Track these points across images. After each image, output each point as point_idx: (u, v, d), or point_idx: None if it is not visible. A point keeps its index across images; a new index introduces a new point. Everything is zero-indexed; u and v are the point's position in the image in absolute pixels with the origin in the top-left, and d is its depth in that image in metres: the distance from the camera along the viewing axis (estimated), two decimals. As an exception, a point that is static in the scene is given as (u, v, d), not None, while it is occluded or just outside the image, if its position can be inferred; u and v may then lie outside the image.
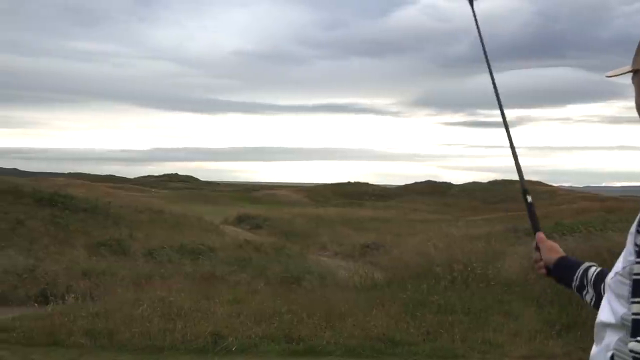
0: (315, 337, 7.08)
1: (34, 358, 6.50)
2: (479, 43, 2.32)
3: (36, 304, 9.34)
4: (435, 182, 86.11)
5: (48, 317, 7.70)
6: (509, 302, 8.60)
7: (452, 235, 22.92)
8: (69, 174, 72.39)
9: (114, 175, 77.52)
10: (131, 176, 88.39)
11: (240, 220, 34.51)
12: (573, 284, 1.87)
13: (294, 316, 7.60)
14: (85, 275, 13.09)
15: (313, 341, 6.99)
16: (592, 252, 11.66)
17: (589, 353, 5.70)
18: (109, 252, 17.78)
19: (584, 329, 7.38)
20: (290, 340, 7.02)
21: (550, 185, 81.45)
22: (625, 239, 1.58)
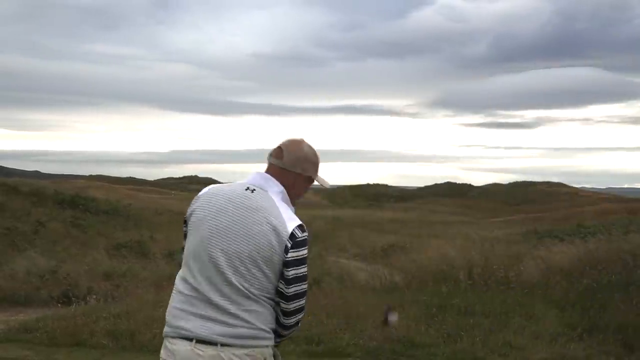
0: (335, 338, 7.09)
1: (57, 358, 6.57)
2: (497, 43, 2.37)
3: (59, 305, 9.47)
4: (455, 183, 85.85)
5: (71, 318, 7.78)
6: (530, 304, 8.54)
7: (472, 237, 22.81)
8: (90, 176, 72.95)
9: (134, 178, 78.00)
10: (151, 178, 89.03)
11: (259, 222, 34.70)
12: None
13: (314, 318, 7.60)
14: (106, 276, 13.23)
15: (333, 343, 6.99)
16: (613, 255, 11.57)
17: (611, 356, 5.68)
18: (129, 253, 17.95)
19: (605, 332, 7.32)
20: (310, 341, 7.02)
21: (572, 187, 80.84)
22: None
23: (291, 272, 2.40)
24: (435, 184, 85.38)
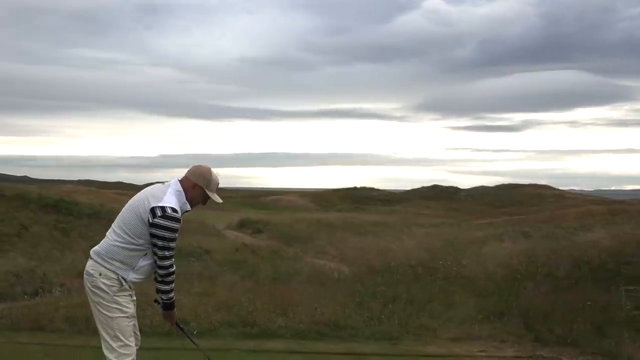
0: (269, 322, 7.94)
1: (19, 340, 7.38)
2: (483, 47, 3.15)
3: (26, 296, 10.26)
4: (441, 186, 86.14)
5: (34, 307, 8.61)
6: (453, 293, 9.42)
7: (440, 236, 23.61)
8: (78, 180, 73.57)
9: (123, 182, 78.59)
10: (139, 183, 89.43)
11: (241, 225, 35.31)
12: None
13: (252, 305, 8.47)
14: (81, 275, 13.96)
15: (266, 326, 7.85)
16: (548, 250, 12.47)
17: (512, 335, 6.77)
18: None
19: (510, 315, 8.22)
20: (246, 324, 7.88)
21: (558, 189, 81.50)
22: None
23: (152, 230, 3.86)
24: (422, 187, 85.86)
